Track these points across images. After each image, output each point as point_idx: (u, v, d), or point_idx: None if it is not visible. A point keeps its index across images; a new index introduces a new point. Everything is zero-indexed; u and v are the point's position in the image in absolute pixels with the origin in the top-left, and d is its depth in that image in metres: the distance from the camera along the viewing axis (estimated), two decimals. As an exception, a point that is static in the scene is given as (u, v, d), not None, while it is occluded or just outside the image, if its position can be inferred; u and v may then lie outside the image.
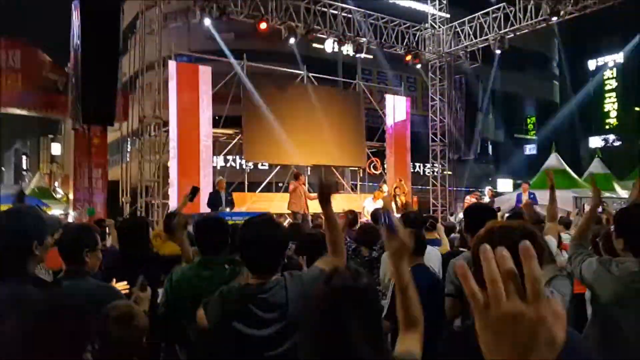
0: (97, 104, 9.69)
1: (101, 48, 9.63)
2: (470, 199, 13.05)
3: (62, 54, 12.33)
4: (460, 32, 16.29)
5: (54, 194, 26.94)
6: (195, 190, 5.37)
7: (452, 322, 3.41)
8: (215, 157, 14.15)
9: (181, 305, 2.90)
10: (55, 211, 19.98)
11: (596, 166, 19.73)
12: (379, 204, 12.02)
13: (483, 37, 15.55)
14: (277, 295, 2.04)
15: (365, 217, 10.33)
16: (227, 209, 10.46)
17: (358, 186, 16.86)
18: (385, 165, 16.73)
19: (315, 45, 15.12)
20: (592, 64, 45.69)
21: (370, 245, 4.85)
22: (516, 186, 26.47)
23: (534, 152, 39.20)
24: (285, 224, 7.44)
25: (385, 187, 13.46)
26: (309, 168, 15.20)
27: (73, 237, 2.73)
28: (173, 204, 11.98)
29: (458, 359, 1.48)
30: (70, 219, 11.73)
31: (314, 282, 2.08)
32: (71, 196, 13.91)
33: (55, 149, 40.77)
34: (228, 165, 19.26)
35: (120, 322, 1.97)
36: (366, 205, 12.03)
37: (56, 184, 32.59)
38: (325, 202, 2.21)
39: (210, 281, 2.85)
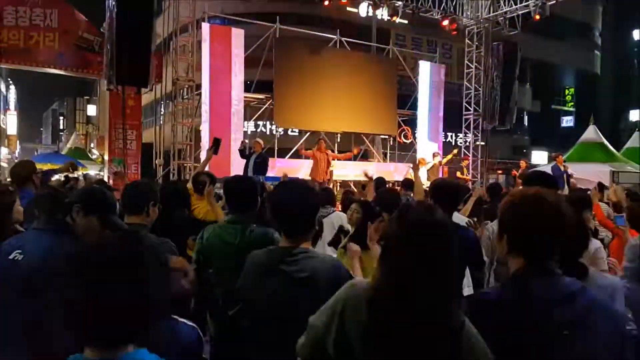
0: (132, 65, 9.74)
1: (136, 9, 9.64)
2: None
3: (98, 14, 12.40)
4: (500, -3, 15.72)
5: (89, 155, 27.69)
6: (217, 142, 5.40)
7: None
8: (245, 122, 14.18)
9: (209, 260, 3.06)
10: (91, 171, 20.54)
11: (635, 140, 19.17)
12: (423, 171, 12.13)
13: (524, 3, 14.95)
14: (302, 262, 2.09)
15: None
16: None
17: (388, 155, 16.73)
18: (416, 134, 16.51)
19: (349, 9, 14.78)
20: (637, 34, 43.53)
21: (390, 210, 4.81)
22: (551, 159, 25.88)
23: (571, 124, 38.00)
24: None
25: (438, 157, 13.47)
26: (338, 135, 15.11)
27: (141, 190, 2.83)
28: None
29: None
30: (105, 178, 12.03)
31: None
32: (106, 157, 14.25)
33: (91, 110, 41.61)
34: (258, 130, 19.33)
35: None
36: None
37: (92, 144, 33.37)
38: None
39: (236, 238, 2.97)
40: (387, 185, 7.29)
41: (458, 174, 14.52)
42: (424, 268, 1.38)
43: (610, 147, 17.56)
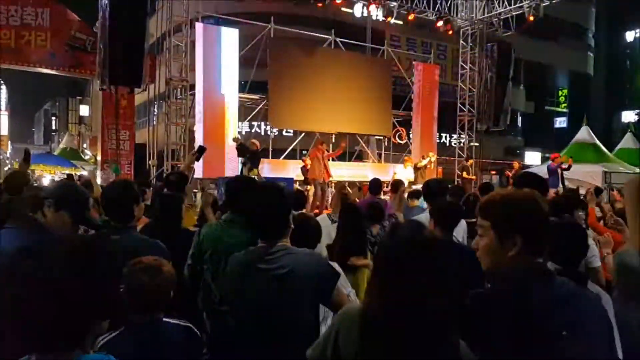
0: (125, 65, 9.69)
1: (129, 8, 9.58)
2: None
3: (91, 13, 12.31)
4: (494, -2, 15.78)
5: (82, 155, 27.52)
6: (202, 150, 5.42)
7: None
8: (240, 122, 14.13)
9: (203, 258, 3.06)
10: (84, 172, 20.42)
11: (628, 141, 19.32)
12: (409, 171, 12.16)
13: (517, 4, 15.02)
14: (281, 259, 2.12)
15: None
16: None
17: (383, 155, 16.73)
18: (410, 135, 16.52)
19: (343, 9, 14.78)
20: (630, 35, 43.86)
21: (379, 220, 4.59)
22: (544, 159, 25.96)
23: (565, 125, 38.22)
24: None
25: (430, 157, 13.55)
26: (333, 135, 15.09)
27: (121, 193, 2.78)
28: (198, 167, 12.06)
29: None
30: (99, 180, 11.91)
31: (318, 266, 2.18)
32: (99, 157, 14.15)
33: (84, 110, 41.36)
34: (253, 131, 19.26)
35: (147, 272, 1.99)
36: (398, 172, 12.13)
37: (84, 145, 33.18)
38: None
39: (233, 238, 2.94)
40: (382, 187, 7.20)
41: (464, 174, 14.62)
42: (413, 287, 1.37)
43: (603, 148, 17.65)
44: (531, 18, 14.80)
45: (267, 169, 12.21)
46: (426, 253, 1.42)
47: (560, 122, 39.22)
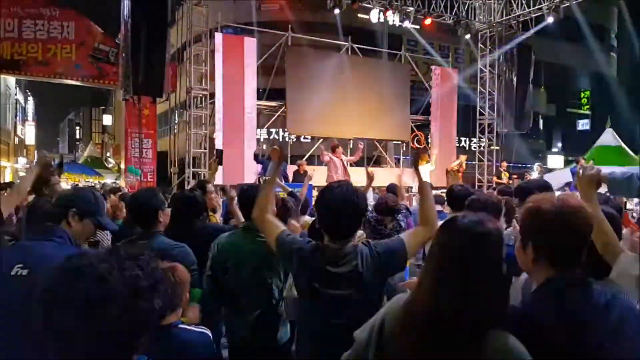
0: (147, 75, 9.89)
1: (150, 19, 9.79)
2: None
3: (113, 25, 12.61)
4: (512, 1, 15.61)
5: (105, 164, 28.06)
6: (220, 153, 5.54)
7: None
8: (258, 129, 14.26)
9: (225, 267, 3.08)
10: (107, 180, 20.80)
11: (654, 143, 18.88)
12: (427, 168, 12.17)
13: (537, 6, 14.86)
14: (353, 261, 2.12)
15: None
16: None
17: (401, 160, 16.68)
18: (429, 140, 16.45)
19: (360, 15, 14.84)
20: (654, 35, 42.97)
21: (392, 214, 4.68)
22: (567, 163, 25.59)
23: (587, 127, 37.55)
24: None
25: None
26: (351, 141, 15.12)
27: (147, 199, 2.89)
28: (219, 173, 12.21)
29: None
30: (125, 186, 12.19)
31: (393, 253, 2.19)
32: (122, 166, 14.43)
33: (107, 119, 42.14)
34: (271, 137, 19.41)
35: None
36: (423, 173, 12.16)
37: (108, 153, 33.79)
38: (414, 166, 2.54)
39: (251, 245, 2.99)
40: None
41: (495, 178, 14.52)
42: (459, 276, 1.37)
43: (629, 151, 17.27)
44: (551, 19, 14.60)
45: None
46: (487, 245, 1.40)
47: (583, 125, 38.51)
